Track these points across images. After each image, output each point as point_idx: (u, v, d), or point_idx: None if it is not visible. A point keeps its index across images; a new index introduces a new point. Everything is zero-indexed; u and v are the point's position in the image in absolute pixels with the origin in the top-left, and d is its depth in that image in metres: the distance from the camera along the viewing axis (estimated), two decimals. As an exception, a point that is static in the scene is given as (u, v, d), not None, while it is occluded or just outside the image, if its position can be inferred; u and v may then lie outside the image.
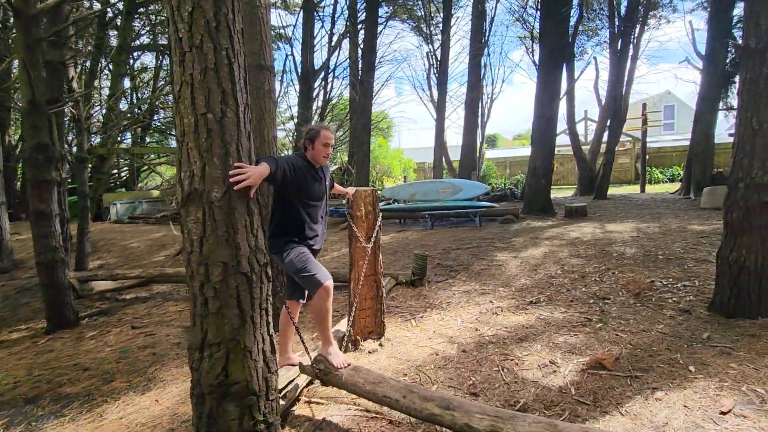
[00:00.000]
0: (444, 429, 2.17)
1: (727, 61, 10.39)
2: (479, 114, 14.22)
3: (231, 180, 1.74)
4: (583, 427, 1.72)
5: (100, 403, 2.93)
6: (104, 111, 13.55)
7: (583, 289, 4.31)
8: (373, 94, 10.65)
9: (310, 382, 2.79)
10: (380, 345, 3.34)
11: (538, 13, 10.52)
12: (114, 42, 15.01)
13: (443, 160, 14.35)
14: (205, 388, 1.81)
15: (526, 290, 4.48)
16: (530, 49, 14.15)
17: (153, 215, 13.40)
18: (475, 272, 5.27)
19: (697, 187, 10.35)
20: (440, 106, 13.33)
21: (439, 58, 12.34)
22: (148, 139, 18.75)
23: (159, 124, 18.18)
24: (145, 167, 17.72)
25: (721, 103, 10.85)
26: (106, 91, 15.44)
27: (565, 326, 3.46)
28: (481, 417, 1.89)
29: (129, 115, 14.97)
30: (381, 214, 3.39)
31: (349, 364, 2.43)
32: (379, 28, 11.20)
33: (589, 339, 3.19)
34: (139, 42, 16.24)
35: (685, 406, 2.24)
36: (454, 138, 19.91)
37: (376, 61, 10.78)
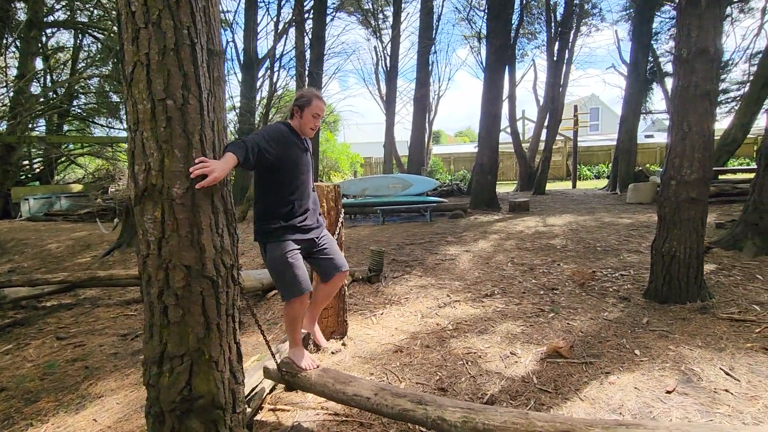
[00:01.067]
0: (416, 428, 2.17)
1: (648, 68, 11.46)
2: (427, 110, 14.47)
3: (192, 176, 1.56)
4: (553, 415, 1.77)
5: (24, 428, 2.56)
6: (11, 94, 11.91)
7: (533, 281, 4.52)
8: (322, 86, 10.39)
9: (274, 388, 2.65)
10: (343, 344, 3.26)
11: (485, 13, 10.85)
12: (22, 16, 13.24)
13: (392, 155, 14.42)
14: (165, 405, 1.63)
15: (481, 283, 4.61)
16: (475, 49, 14.62)
17: (75, 212, 12.10)
18: (430, 267, 5.34)
19: (622, 184, 11.33)
20: (390, 102, 13.36)
21: (389, 54, 12.34)
22: (66, 127, 16.82)
23: (79, 110, 16.37)
24: (63, 158, 15.91)
25: (643, 107, 11.94)
26: (13, 72, 13.62)
27: (521, 317, 3.60)
28: (453, 410, 1.88)
29: (42, 99, 13.32)
30: (343, 210, 3.29)
31: (317, 366, 2.34)
32: (327, 19, 10.94)
33: (544, 329, 3.34)
34: (54, 18, 14.47)
35: (635, 388, 2.41)
36: (400, 134, 20.11)
37: (325, 53, 10.53)
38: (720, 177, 9.28)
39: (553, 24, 13.48)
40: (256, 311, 4.43)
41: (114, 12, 9.54)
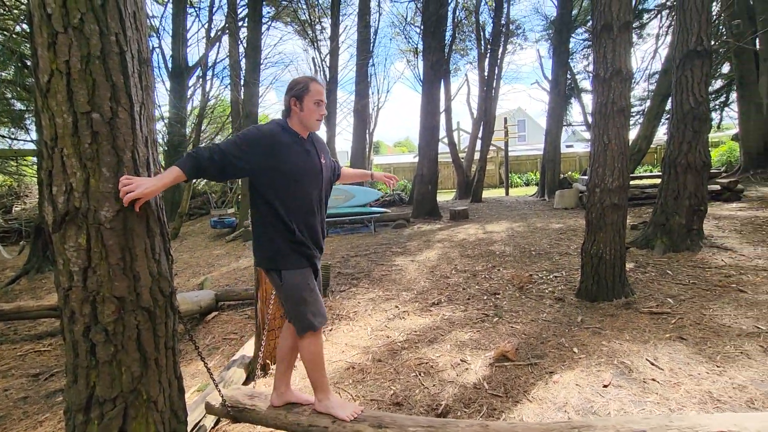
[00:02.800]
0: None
1: (567, 84, 12.56)
2: (367, 121, 14.61)
3: (122, 197, 1.38)
4: (512, 424, 1.82)
5: None
6: None
7: (477, 287, 4.68)
8: (259, 96, 10.08)
9: (218, 421, 2.46)
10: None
11: (421, 29, 11.24)
12: None
13: (333, 166, 14.29)
14: (95, 457, 1.43)
15: (427, 292, 4.68)
16: (412, 63, 15.07)
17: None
18: (377, 278, 5.33)
19: (549, 191, 12.21)
20: (330, 113, 13.29)
21: (328, 65, 12.31)
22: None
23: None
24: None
25: (564, 120, 13.03)
26: None
27: (468, 324, 3.70)
28: (414, 429, 1.87)
29: None
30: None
31: (362, 411, 1.96)
32: (263, 28, 10.68)
33: (489, 333, 3.46)
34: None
35: (577, 385, 2.56)
36: (341, 145, 20.03)
37: (261, 63, 10.24)
38: (631, 183, 10.34)
39: (482, 41, 14.32)
40: (195, 336, 4.12)
41: (16, 10, 8.54)
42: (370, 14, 12.71)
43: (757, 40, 10.52)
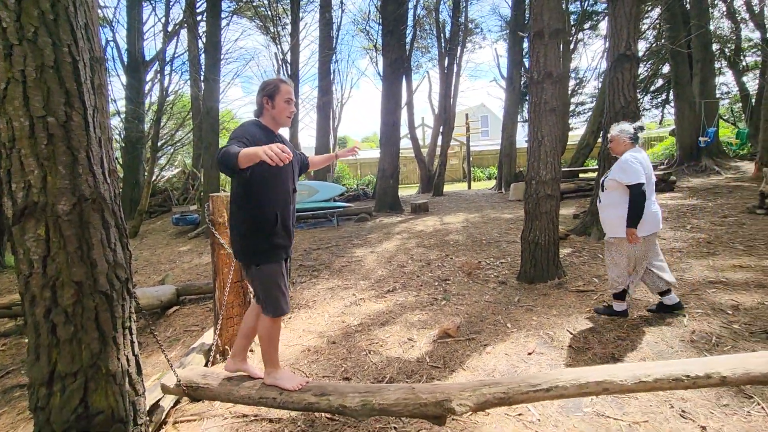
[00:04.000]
0: (321, 414, 2.37)
1: (522, 83, 13.17)
2: (331, 117, 14.72)
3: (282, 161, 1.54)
4: (434, 386, 2.10)
5: None
6: None
7: (430, 274, 5.00)
8: (220, 92, 9.99)
9: (178, 402, 2.63)
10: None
11: (381, 28, 11.46)
12: None
13: (297, 162, 14.32)
14: (58, 426, 1.60)
15: (383, 280, 4.96)
16: (374, 60, 15.27)
17: None
18: (337, 269, 5.56)
19: (506, 184, 12.80)
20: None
21: (290, 61, 12.32)
22: None
23: None
24: None
25: (519, 117, 13.64)
26: None
27: (418, 307, 4.00)
28: (353, 396, 2.09)
29: None
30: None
31: (306, 382, 2.18)
32: (223, 23, 10.56)
33: (436, 315, 3.77)
34: None
35: (506, 354, 2.91)
36: (306, 140, 20.04)
37: (222, 58, 10.15)
38: (580, 176, 11.03)
39: (442, 40, 14.71)
40: (156, 329, 4.20)
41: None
42: (331, 11, 12.80)
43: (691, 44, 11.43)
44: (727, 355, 2.04)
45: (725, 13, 14.91)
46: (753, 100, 13.62)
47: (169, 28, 10.89)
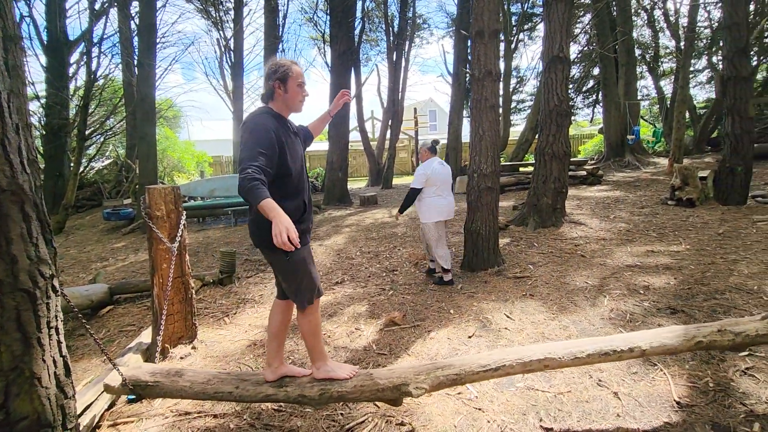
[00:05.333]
0: (268, 406, 2.37)
1: (467, 79, 13.59)
2: (277, 108, 14.32)
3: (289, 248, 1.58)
4: (389, 370, 2.17)
5: None
6: None
7: (378, 266, 5.10)
8: (156, 78, 9.38)
9: (113, 404, 2.51)
10: (193, 348, 3.22)
11: (329, 18, 11.30)
12: None
13: (243, 153, 13.81)
14: (-26, 435, 1.49)
15: (332, 273, 4.99)
16: (322, 51, 15.04)
17: None
18: (286, 263, 5.49)
19: (453, 177, 13.23)
20: (237, 98, 12.78)
21: (233, 48, 11.79)
22: None
23: None
24: None
25: (465, 112, 14.11)
26: None
27: (366, 298, 4.08)
28: (311, 385, 2.12)
29: None
30: (185, 212, 3.22)
31: (357, 371, 2.12)
32: (159, 4, 9.87)
33: (384, 305, 3.87)
34: None
35: (448, 339, 3.06)
36: (253, 131, 19.23)
37: (158, 42, 9.50)
38: (520, 170, 11.66)
39: (391, 34, 14.80)
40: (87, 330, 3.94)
41: None
42: (277, -2, 12.41)
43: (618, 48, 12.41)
44: (644, 330, 2.30)
45: (646, 22, 16.34)
46: (668, 103, 15.09)
47: (97, 6, 9.99)
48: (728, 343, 2.00)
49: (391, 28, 14.79)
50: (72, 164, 10.24)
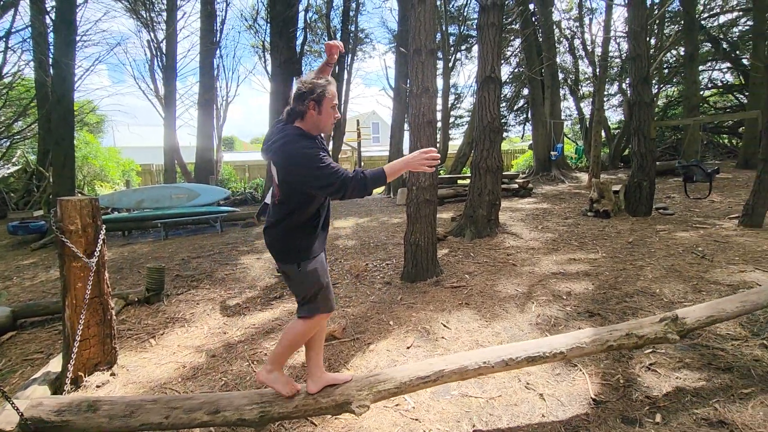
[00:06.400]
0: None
1: (408, 93, 14.03)
2: (214, 116, 13.73)
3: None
4: (332, 387, 2.13)
5: None
6: None
7: (319, 279, 5.02)
8: (76, 79, 8.59)
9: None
10: (112, 375, 2.95)
11: (269, 27, 11.13)
12: None
13: (176, 163, 13.06)
14: None
15: (271, 288, 4.83)
16: (263, 59, 14.73)
17: None
18: (220, 278, 5.24)
19: (394, 189, 13.45)
20: (169, 103, 12.06)
21: (165, 51, 11.16)
22: None
23: None
24: None
25: (406, 125, 14.49)
26: None
27: (306, 312, 3.99)
28: (251, 408, 1.99)
29: None
30: (104, 226, 2.97)
31: (298, 390, 2.06)
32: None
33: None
34: None
35: (387, 350, 3.08)
36: (186, 139, 18.35)
37: (78, 40, 8.73)
38: (458, 182, 12.15)
39: (333, 46, 14.84)
40: (-19, 362, 3.45)
41: None
42: (214, 3, 11.99)
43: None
44: (564, 333, 2.48)
45: (568, 49, 17.95)
46: (588, 123, 16.61)
47: (4, -2, 9.00)
48: (633, 345, 2.22)
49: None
50: (-31, 171, 9.03)
